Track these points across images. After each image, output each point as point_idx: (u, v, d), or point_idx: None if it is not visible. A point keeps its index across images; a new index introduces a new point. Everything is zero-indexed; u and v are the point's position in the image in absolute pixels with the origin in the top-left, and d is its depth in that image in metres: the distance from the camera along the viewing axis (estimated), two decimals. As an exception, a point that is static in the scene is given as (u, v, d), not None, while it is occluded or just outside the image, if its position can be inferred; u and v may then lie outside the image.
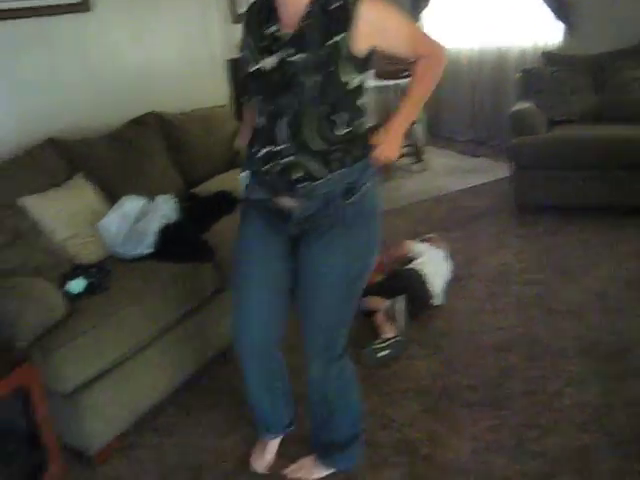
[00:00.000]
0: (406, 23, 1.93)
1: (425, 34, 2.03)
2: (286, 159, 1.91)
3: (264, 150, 1.96)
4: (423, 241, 3.78)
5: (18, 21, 3.25)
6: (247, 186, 2.10)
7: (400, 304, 3.16)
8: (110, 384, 2.48)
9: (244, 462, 2.43)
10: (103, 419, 2.46)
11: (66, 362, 2.30)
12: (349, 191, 1.95)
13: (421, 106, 2.05)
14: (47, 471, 2.38)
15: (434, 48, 1.97)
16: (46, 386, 2.33)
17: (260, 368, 2.27)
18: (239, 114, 4.11)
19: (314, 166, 1.90)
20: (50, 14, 3.39)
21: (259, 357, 2.25)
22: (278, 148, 1.91)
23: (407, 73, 4.85)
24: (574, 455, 2.35)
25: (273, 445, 2.43)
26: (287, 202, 1.98)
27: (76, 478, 2.45)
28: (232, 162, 3.87)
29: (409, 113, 2.02)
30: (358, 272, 2.07)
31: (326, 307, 2.08)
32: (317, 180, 1.91)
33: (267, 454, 2.40)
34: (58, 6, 3.43)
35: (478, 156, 6.10)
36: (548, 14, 5.55)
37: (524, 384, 2.76)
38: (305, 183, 1.91)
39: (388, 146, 1.99)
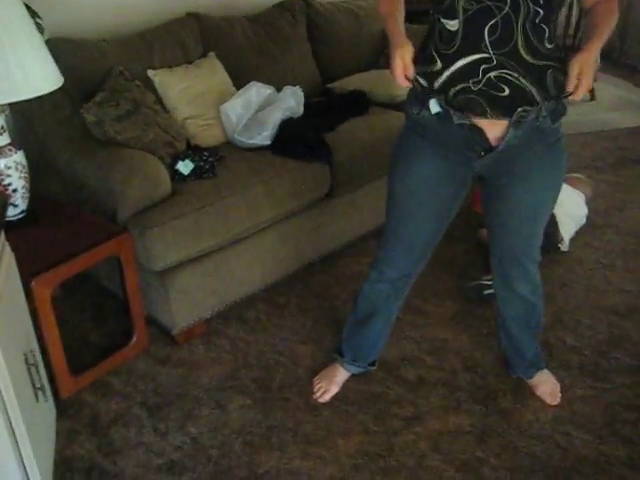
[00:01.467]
0: None
1: None
2: (495, 72, 1.64)
3: (460, 62, 1.68)
4: (565, 180, 3.44)
5: None
6: (438, 113, 1.77)
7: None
8: (201, 270, 2.49)
9: (316, 374, 2.40)
10: (189, 302, 2.49)
11: (160, 241, 2.31)
12: (555, 118, 1.76)
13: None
14: (132, 339, 2.48)
15: None
16: (139, 261, 2.37)
17: (391, 299, 2.19)
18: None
19: (527, 84, 1.66)
20: None
21: (397, 289, 2.17)
22: (483, 57, 1.64)
23: None
24: (669, 450, 2.12)
25: (343, 377, 2.36)
26: (492, 129, 1.74)
27: (157, 352, 2.52)
28: (376, 62, 3.66)
29: (602, 41, 1.69)
30: (554, 200, 1.97)
31: (528, 236, 2.00)
32: (531, 103, 1.68)
33: (334, 385, 2.33)
34: None
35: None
36: None
37: (634, 359, 2.49)
38: (523, 106, 1.67)
39: (589, 75, 1.63)
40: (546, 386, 2.33)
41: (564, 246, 3.14)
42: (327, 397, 2.31)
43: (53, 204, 2.50)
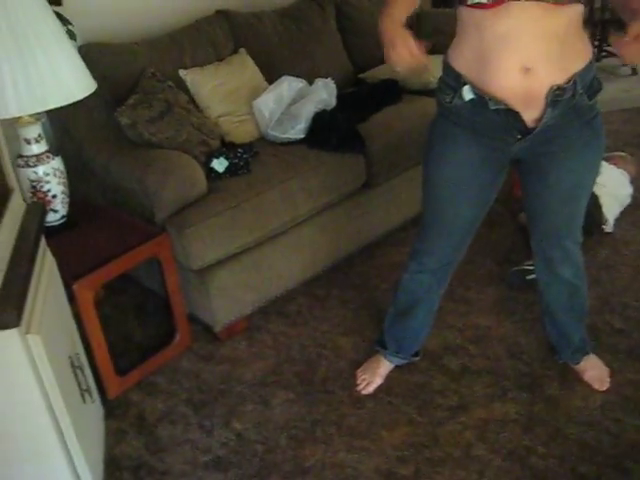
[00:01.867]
0: None
1: None
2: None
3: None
4: (607, 159, 3.36)
5: None
6: (472, 99, 1.73)
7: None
8: (240, 267, 2.50)
9: (359, 366, 2.39)
10: (229, 299, 2.50)
11: (198, 240, 2.33)
12: (592, 94, 1.72)
13: None
14: (175, 338, 2.50)
15: None
16: (178, 260, 2.39)
17: (433, 288, 2.17)
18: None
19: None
20: None
21: (438, 279, 2.15)
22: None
23: None
24: None
25: (387, 369, 2.34)
26: (528, 111, 1.69)
27: (200, 350, 2.54)
28: (409, 49, 3.62)
29: None
30: (595, 178, 1.93)
31: (569, 216, 1.97)
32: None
33: (378, 377, 2.32)
34: None
35: None
36: None
37: (685, 340, 2.43)
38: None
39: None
40: (594, 371, 2.28)
41: (609, 227, 3.07)
42: (371, 389, 2.30)
43: (92, 208, 2.54)
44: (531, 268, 2.71)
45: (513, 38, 1.59)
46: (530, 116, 1.69)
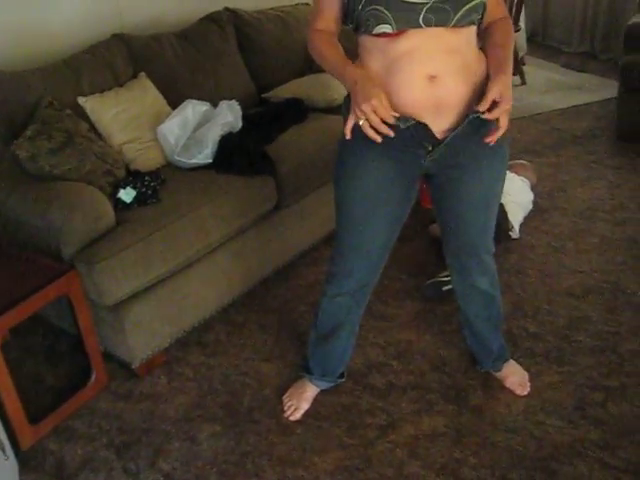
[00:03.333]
0: None
1: None
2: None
3: None
4: (508, 167, 3.46)
5: None
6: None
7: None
8: (155, 299, 2.41)
9: (284, 391, 2.35)
10: (146, 333, 2.41)
11: (109, 275, 2.23)
12: (494, 105, 1.71)
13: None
14: (90, 378, 2.39)
15: (507, 14, 1.82)
16: (89, 297, 2.29)
17: (353, 310, 2.15)
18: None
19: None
20: None
21: (357, 300, 2.13)
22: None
23: None
24: (640, 427, 2.15)
25: (313, 393, 2.31)
26: (436, 123, 1.72)
27: (118, 389, 2.43)
28: (310, 67, 3.63)
29: (511, 63, 1.74)
30: (502, 187, 1.97)
31: (482, 227, 2.00)
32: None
33: (304, 402, 2.28)
34: None
35: (585, 71, 5.58)
36: None
37: (595, 339, 2.53)
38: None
39: (508, 99, 1.65)
40: (514, 377, 2.33)
41: (515, 233, 3.17)
42: (298, 415, 2.26)
43: (-8, 248, 2.40)
44: (446, 279, 2.77)
45: (417, 52, 1.64)
46: (439, 127, 1.72)
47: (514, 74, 5.34)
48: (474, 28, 1.71)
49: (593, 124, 4.49)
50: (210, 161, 2.73)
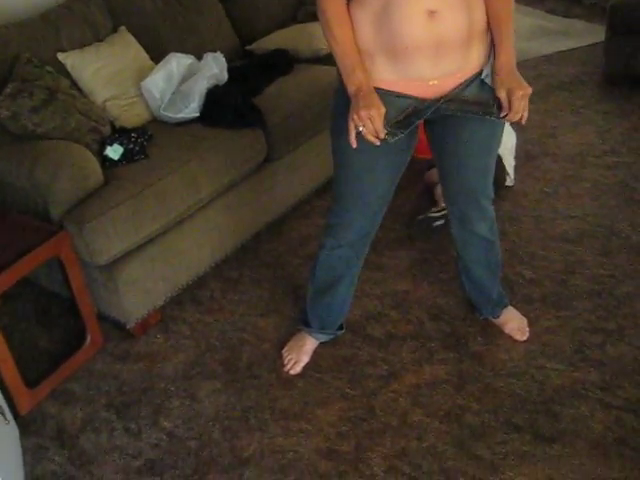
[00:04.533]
0: None
1: None
2: None
3: None
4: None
5: None
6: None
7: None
8: (148, 257, 2.37)
9: (283, 346, 2.33)
10: (140, 292, 2.37)
11: (101, 234, 2.18)
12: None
13: None
14: (86, 340, 2.35)
15: None
16: (81, 257, 2.24)
17: (352, 262, 2.12)
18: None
19: None
20: None
21: (357, 251, 2.10)
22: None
23: None
24: (638, 367, 2.15)
25: (312, 346, 2.29)
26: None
27: (114, 350, 2.40)
28: (294, 17, 3.55)
29: (512, 40, 1.72)
30: (502, 133, 1.95)
31: (483, 171, 1.98)
32: None
33: (304, 355, 2.26)
34: None
35: (570, 16, 5.50)
36: None
37: (591, 283, 2.53)
38: None
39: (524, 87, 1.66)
40: (513, 323, 2.33)
41: (509, 180, 3.14)
42: (298, 368, 2.25)
43: (-22, 212, 2.33)
44: (437, 215, 2.77)
45: None
46: (439, 71, 1.68)
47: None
48: None
49: (580, 69, 4.43)
50: (197, 115, 2.66)
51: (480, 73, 1.73)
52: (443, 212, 2.75)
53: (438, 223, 2.78)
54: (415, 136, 1.90)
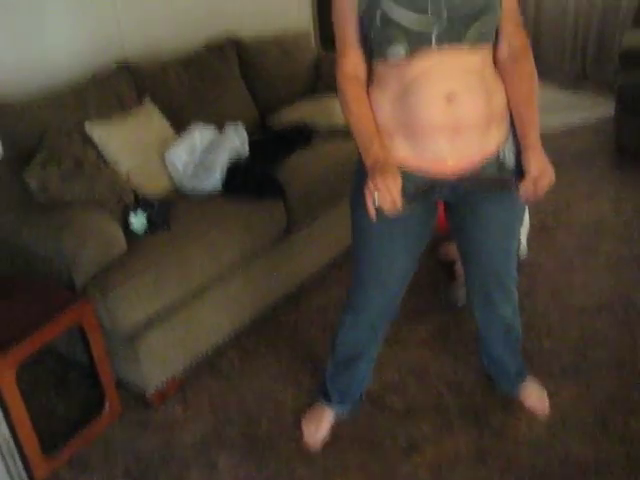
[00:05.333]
0: None
1: None
2: None
3: None
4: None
5: None
6: None
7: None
8: (168, 325, 2.39)
9: (302, 416, 2.31)
10: (160, 361, 2.38)
11: (123, 302, 2.21)
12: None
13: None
14: (104, 408, 2.35)
15: (526, 40, 1.76)
16: (103, 325, 2.26)
17: (372, 341, 2.12)
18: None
19: None
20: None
21: (376, 330, 2.09)
22: None
23: None
24: (664, 442, 2.13)
25: (332, 417, 2.26)
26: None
27: (133, 418, 2.39)
28: (313, 90, 3.65)
29: (537, 122, 1.74)
30: (523, 214, 1.98)
31: (506, 253, 1.97)
32: None
33: (324, 426, 2.23)
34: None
35: (579, 91, 5.64)
36: None
37: (611, 354, 2.52)
38: None
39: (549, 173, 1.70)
40: (533, 396, 2.31)
41: (523, 252, 3.16)
42: (318, 439, 2.23)
43: (3, 280, 2.36)
44: (459, 296, 2.77)
45: (433, 72, 1.63)
46: (457, 154, 1.69)
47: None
48: (489, 47, 1.70)
49: (592, 142, 4.52)
50: (219, 187, 2.72)
51: (498, 154, 1.75)
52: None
53: (461, 303, 2.79)
54: (434, 217, 1.92)
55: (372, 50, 1.71)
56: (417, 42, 1.61)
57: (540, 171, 1.68)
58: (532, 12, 6.09)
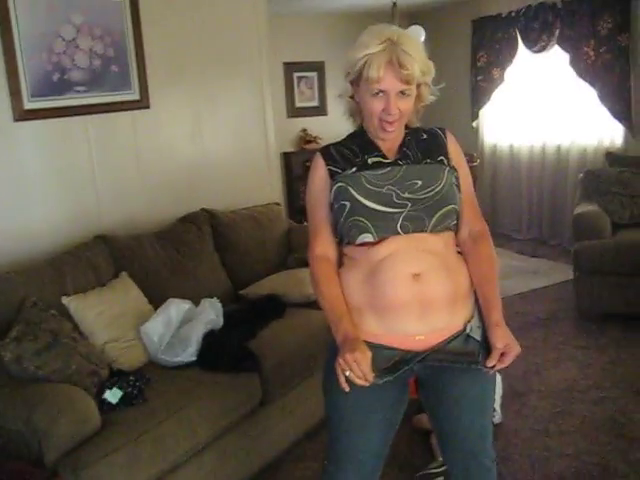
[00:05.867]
0: (471, 180, 1.94)
1: None
2: None
3: None
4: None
5: (78, 118, 3.26)
6: None
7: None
8: (142, 505, 2.30)
9: None
10: None
11: (97, 481, 2.14)
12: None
13: None
14: None
15: (485, 225, 1.93)
16: (74, 507, 2.16)
17: None
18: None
19: None
20: (109, 111, 3.41)
21: None
22: None
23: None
24: None
25: None
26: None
27: None
28: (284, 263, 3.76)
29: (498, 297, 1.83)
30: (495, 387, 2.01)
31: (481, 430, 1.94)
32: None
33: None
34: (118, 103, 3.45)
35: (537, 256, 5.90)
36: (608, 114, 5.45)
37: (596, 527, 2.47)
38: None
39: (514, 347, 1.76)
40: None
41: (497, 418, 3.16)
42: None
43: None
44: (436, 471, 2.73)
45: (399, 254, 1.76)
46: (425, 328, 1.76)
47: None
48: (451, 233, 1.84)
49: (554, 306, 4.66)
50: (194, 359, 2.73)
51: (465, 328, 1.80)
52: (444, 467, 2.69)
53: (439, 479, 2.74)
54: (406, 392, 1.94)
55: (341, 236, 1.83)
56: (384, 231, 1.76)
57: (506, 346, 1.73)
58: (488, 182, 6.49)
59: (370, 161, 1.83)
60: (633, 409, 3.24)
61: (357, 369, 1.64)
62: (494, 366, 1.75)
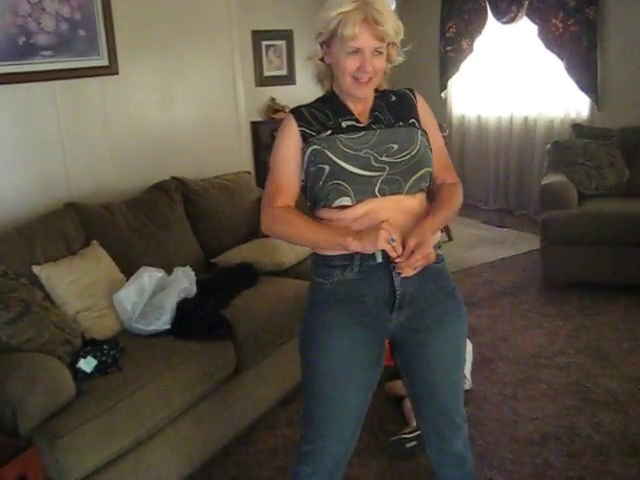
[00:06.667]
0: (441, 137, 2.01)
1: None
2: None
3: None
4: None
5: (45, 83, 3.19)
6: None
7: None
8: (118, 472, 2.30)
9: None
10: (109, 512, 2.27)
11: (72, 450, 2.14)
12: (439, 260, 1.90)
13: (443, 224, 1.95)
14: None
15: (457, 179, 1.99)
16: (49, 476, 2.15)
17: None
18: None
19: None
20: (77, 77, 3.33)
21: (334, 477, 1.99)
22: None
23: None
24: None
25: None
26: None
27: None
28: (255, 232, 3.74)
29: (439, 221, 1.86)
30: (465, 346, 2.04)
31: (454, 389, 1.99)
32: None
33: None
34: (86, 69, 3.38)
35: (504, 226, 5.97)
36: (575, 86, 5.51)
37: (565, 486, 2.55)
38: None
39: (424, 249, 1.75)
40: None
41: (467, 384, 3.22)
42: None
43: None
44: (409, 436, 2.77)
45: (374, 213, 1.78)
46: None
47: (441, 230, 5.63)
48: (424, 194, 1.89)
49: (521, 275, 4.74)
50: (168, 327, 2.72)
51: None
52: (416, 432, 2.74)
53: (412, 444, 2.77)
54: (383, 353, 1.96)
55: (316, 200, 1.84)
56: (362, 194, 1.79)
57: (417, 244, 1.72)
58: (457, 152, 6.52)
59: (344, 124, 1.84)
60: (597, 374, 3.33)
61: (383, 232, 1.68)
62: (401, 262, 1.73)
